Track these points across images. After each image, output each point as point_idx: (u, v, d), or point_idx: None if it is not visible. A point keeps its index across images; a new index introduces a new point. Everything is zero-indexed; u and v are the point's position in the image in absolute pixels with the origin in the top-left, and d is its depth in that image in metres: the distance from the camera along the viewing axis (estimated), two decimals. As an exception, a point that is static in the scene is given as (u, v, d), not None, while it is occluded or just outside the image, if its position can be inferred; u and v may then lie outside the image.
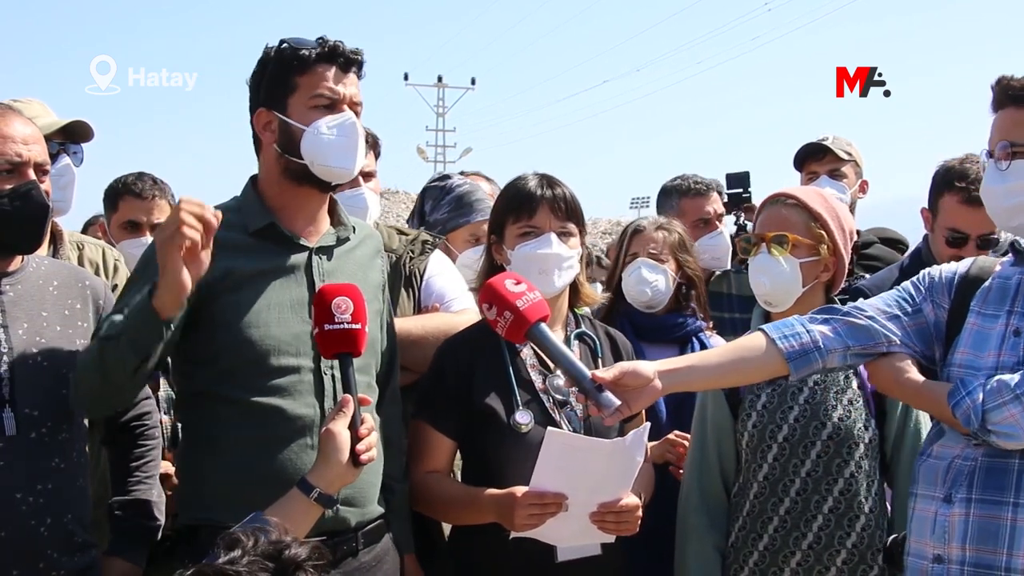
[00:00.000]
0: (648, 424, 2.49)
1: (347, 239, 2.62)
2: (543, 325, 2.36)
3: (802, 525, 2.71)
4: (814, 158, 4.17)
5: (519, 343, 2.40)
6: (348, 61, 2.52)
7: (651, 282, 3.38)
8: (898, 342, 2.36)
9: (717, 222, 4.24)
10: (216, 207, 2.57)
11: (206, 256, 2.20)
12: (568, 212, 2.78)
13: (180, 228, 2.13)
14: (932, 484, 2.29)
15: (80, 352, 2.44)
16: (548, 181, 2.80)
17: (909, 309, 2.39)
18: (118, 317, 2.30)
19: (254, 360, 2.40)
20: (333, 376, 2.45)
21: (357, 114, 2.55)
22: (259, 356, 2.41)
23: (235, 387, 2.40)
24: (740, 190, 4.45)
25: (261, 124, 2.54)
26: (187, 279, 2.17)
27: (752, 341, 2.40)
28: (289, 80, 2.50)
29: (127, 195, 3.78)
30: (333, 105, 2.50)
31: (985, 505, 2.17)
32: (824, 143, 4.17)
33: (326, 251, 2.57)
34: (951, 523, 2.21)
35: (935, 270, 2.44)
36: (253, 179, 2.61)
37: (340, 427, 2.17)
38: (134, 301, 2.28)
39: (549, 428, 2.36)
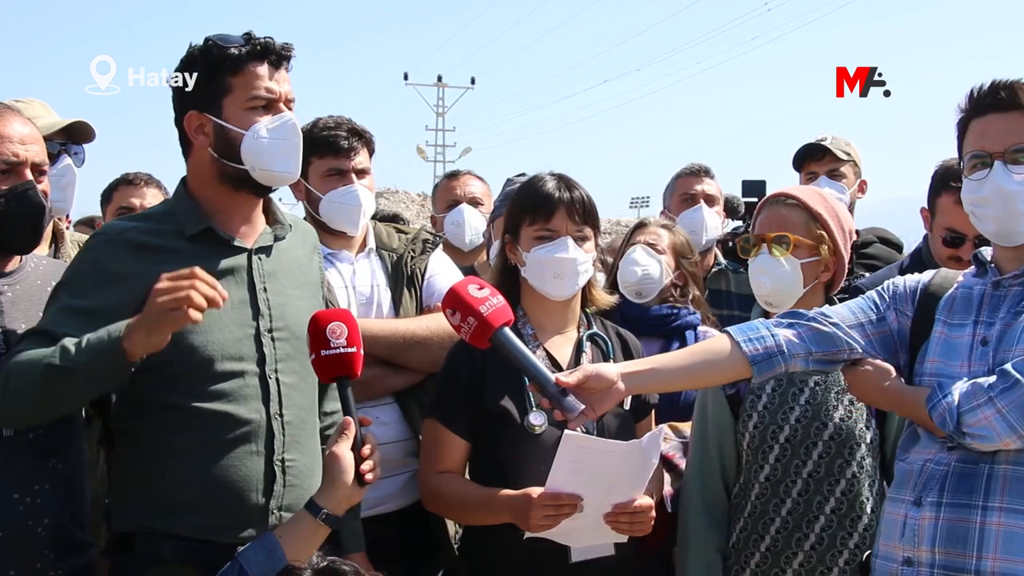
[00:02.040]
0: (664, 426, 2.48)
1: (284, 237, 2.57)
2: (507, 330, 2.36)
3: (804, 526, 2.71)
4: (813, 158, 4.18)
5: (484, 348, 2.39)
6: (280, 57, 2.45)
7: (643, 264, 3.36)
8: (860, 350, 2.39)
9: (702, 200, 4.38)
10: (146, 212, 2.55)
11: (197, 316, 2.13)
12: (585, 216, 2.77)
13: (185, 308, 2.08)
14: (902, 487, 2.31)
15: (11, 362, 2.24)
16: (566, 183, 2.78)
17: (873, 318, 2.43)
18: (70, 345, 2.19)
19: (197, 366, 2.34)
20: (278, 380, 2.41)
21: (291, 111, 2.48)
22: (202, 362, 2.34)
23: (179, 394, 2.33)
24: (755, 199, 4.47)
25: (193, 127, 2.44)
26: (167, 338, 2.16)
27: (716, 344, 2.43)
28: (221, 81, 2.41)
29: (120, 186, 4.15)
30: (270, 105, 2.43)
31: (954, 508, 2.19)
32: (823, 143, 4.17)
33: (265, 251, 2.51)
34: (921, 526, 2.22)
35: (899, 280, 2.49)
36: (184, 181, 2.53)
37: (343, 450, 2.23)
38: (96, 337, 2.18)
39: (566, 431, 2.34)
